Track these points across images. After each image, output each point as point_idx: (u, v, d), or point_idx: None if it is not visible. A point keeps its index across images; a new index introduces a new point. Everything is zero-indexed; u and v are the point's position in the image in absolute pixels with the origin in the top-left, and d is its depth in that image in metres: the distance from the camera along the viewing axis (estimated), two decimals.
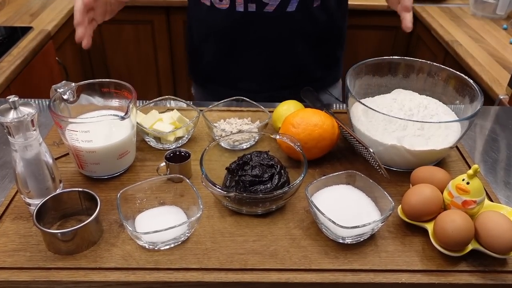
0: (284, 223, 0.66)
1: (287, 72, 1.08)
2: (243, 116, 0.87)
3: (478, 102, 0.74)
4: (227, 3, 0.97)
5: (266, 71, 1.07)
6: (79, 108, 0.75)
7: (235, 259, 0.61)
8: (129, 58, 2.18)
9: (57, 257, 0.60)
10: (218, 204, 0.69)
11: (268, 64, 1.07)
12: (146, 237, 0.60)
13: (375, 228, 0.63)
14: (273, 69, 1.07)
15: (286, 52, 1.05)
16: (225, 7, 0.98)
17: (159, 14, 2.03)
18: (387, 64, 0.87)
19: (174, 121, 0.81)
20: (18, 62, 1.42)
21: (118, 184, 0.72)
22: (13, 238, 0.63)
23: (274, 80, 1.09)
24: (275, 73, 1.08)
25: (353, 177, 0.69)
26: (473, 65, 1.45)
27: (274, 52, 1.05)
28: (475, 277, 0.59)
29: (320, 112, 0.78)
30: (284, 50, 1.04)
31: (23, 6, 1.85)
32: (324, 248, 0.63)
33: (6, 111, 0.58)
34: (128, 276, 0.58)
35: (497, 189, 0.78)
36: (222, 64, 1.09)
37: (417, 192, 0.64)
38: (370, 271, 0.60)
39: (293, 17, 0.98)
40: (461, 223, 0.59)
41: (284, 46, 1.04)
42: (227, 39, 1.04)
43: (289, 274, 0.59)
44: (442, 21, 1.81)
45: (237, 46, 1.04)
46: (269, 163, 0.70)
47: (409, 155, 0.73)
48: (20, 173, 0.62)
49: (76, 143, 0.68)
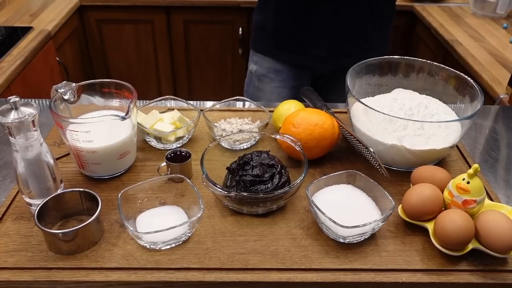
0: (285, 223, 0.67)
1: (351, 39, 1.19)
2: (244, 116, 0.87)
3: (478, 101, 0.74)
4: None
5: (333, 38, 1.17)
6: (80, 108, 0.75)
7: (236, 258, 0.61)
8: (129, 58, 2.18)
9: (58, 257, 0.60)
10: (218, 204, 0.69)
11: (335, 32, 1.16)
12: (147, 237, 0.60)
13: (375, 227, 0.63)
14: (340, 36, 1.17)
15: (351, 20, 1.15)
16: None
17: (159, 14, 2.03)
18: (387, 64, 0.87)
19: (174, 121, 0.81)
20: (18, 62, 1.41)
21: (119, 184, 0.73)
22: (14, 238, 0.63)
23: (340, 48, 1.19)
24: (342, 40, 1.18)
25: (353, 176, 0.69)
26: (473, 64, 1.44)
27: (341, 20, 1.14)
28: (476, 276, 0.59)
29: (321, 112, 0.78)
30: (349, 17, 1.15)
31: (23, 6, 1.85)
32: (325, 248, 0.63)
33: (7, 111, 0.58)
34: (129, 276, 0.58)
35: (497, 189, 0.78)
36: (294, 32, 1.18)
37: (418, 191, 0.64)
38: (371, 270, 0.60)
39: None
40: (462, 222, 0.59)
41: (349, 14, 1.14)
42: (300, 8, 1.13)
43: (290, 273, 0.59)
44: (442, 20, 1.81)
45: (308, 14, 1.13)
46: (270, 163, 0.70)
47: (410, 155, 0.74)
48: (21, 173, 0.63)
49: (77, 143, 0.68)
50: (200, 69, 2.23)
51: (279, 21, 1.19)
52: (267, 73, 1.28)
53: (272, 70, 1.27)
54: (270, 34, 1.23)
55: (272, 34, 1.23)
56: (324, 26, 1.16)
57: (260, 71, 1.29)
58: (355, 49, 1.20)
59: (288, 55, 1.23)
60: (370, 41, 1.22)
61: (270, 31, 1.22)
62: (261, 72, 1.29)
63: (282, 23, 1.19)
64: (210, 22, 2.08)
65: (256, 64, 1.30)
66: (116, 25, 2.06)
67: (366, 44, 1.22)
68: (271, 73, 1.27)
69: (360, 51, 1.19)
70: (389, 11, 1.24)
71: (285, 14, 1.17)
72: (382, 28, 1.24)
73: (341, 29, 1.16)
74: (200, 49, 2.16)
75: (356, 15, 1.16)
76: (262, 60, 1.28)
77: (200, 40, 2.13)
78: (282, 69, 1.26)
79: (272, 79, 1.27)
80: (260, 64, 1.29)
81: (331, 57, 1.21)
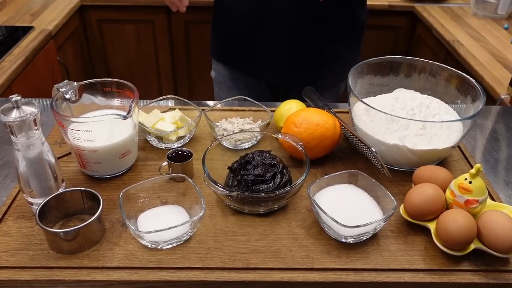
0: (287, 222, 0.66)
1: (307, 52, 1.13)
2: (245, 116, 0.87)
3: (480, 101, 0.74)
4: None
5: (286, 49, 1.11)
6: (81, 108, 0.75)
7: (238, 258, 0.61)
8: (130, 58, 2.17)
9: (60, 256, 0.60)
10: (220, 203, 0.69)
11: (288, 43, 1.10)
12: (148, 236, 0.60)
13: (377, 227, 0.63)
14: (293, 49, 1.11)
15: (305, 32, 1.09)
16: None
17: (160, 14, 2.02)
18: (389, 64, 0.87)
19: (176, 121, 0.81)
20: (19, 62, 1.41)
21: (120, 184, 0.72)
22: (15, 237, 0.63)
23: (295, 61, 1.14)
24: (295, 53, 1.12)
25: (355, 176, 0.69)
26: (474, 64, 1.44)
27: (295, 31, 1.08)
28: (478, 276, 0.59)
29: (322, 112, 0.78)
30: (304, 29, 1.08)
31: (24, 6, 1.85)
32: (327, 247, 0.63)
33: (9, 110, 0.58)
34: (130, 275, 0.58)
35: (499, 189, 0.78)
36: (246, 40, 1.13)
37: (420, 191, 0.64)
38: (373, 270, 0.60)
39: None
40: (464, 222, 0.59)
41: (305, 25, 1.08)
42: (252, 15, 1.08)
43: (292, 273, 0.59)
44: (443, 20, 1.81)
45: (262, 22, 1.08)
46: (271, 163, 0.70)
47: (411, 155, 0.73)
48: (23, 173, 0.62)
49: (78, 143, 0.68)
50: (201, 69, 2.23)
51: (231, 28, 1.15)
52: (225, 81, 1.25)
53: (229, 77, 1.24)
54: (223, 40, 1.20)
55: (225, 41, 1.19)
56: (275, 39, 1.11)
57: (219, 78, 1.27)
58: (311, 64, 1.16)
59: (241, 63, 1.19)
60: (329, 56, 1.16)
61: (223, 37, 1.19)
62: (219, 79, 1.27)
63: (234, 30, 1.15)
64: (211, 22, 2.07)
65: (215, 70, 1.28)
66: (117, 25, 2.05)
67: (325, 59, 1.16)
68: (229, 81, 1.24)
69: (317, 66, 1.16)
70: (351, 23, 1.16)
71: (237, 21, 1.13)
72: (346, 42, 1.17)
73: (294, 43, 1.11)
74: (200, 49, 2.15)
75: (309, 30, 1.10)
76: (219, 67, 1.25)
77: (200, 40, 2.13)
78: (238, 77, 1.22)
79: (230, 87, 1.24)
80: (217, 71, 1.27)
81: (284, 71, 1.16)
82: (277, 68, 1.16)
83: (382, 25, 2.05)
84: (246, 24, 1.11)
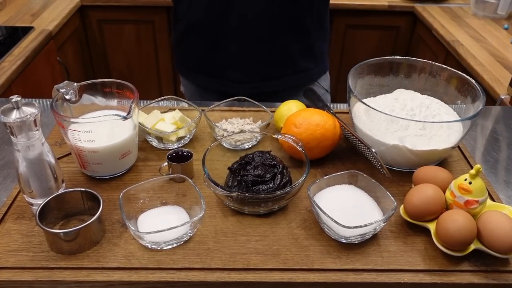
0: (287, 223, 0.66)
1: (272, 61, 1.07)
2: (245, 116, 0.87)
3: (480, 102, 0.74)
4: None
5: (250, 59, 1.04)
6: (81, 108, 0.75)
7: (238, 259, 0.61)
8: (130, 58, 2.18)
9: (60, 257, 0.60)
10: (220, 204, 0.69)
11: (252, 52, 1.04)
12: (148, 237, 0.60)
13: (377, 228, 0.63)
14: (258, 57, 1.04)
15: (268, 39, 1.03)
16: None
17: (160, 14, 2.02)
18: (388, 64, 0.87)
19: (176, 121, 0.81)
20: (19, 62, 1.41)
21: (120, 184, 0.72)
22: (15, 238, 0.63)
23: (260, 70, 1.08)
24: (261, 62, 1.05)
25: (355, 177, 0.69)
26: (474, 65, 1.45)
27: (257, 39, 1.03)
28: (478, 276, 0.59)
29: (322, 112, 0.78)
30: (266, 37, 1.03)
31: (24, 6, 1.85)
32: (327, 248, 0.63)
33: (9, 111, 0.58)
34: (130, 276, 0.58)
35: (499, 189, 0.78)
36: (207, 53, 1.07)
37: (420, 192, 0.64)
38: (373, 270, 0.60)
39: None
40: (464, 222, 0.59)
41: (266, 32, 1.02)
42: (210, 25, 1.02)
43: (292, 273, 0.59)
44: (443, 21, 1.81)
45: (221, 32, 1.02)
46: (271, 163, 0.70)
47: (411, 155, 0.74)
48: (23, 173, 0.62)
49: (78, 143, 0.68)
50: None
51: (189, 41, 1.08)
52: (194, 96, 1.18)
53: (197, 92, 1.17)
54: (185, 55, 1.12)
55: (187, 56, 1.12)
56: (238, 48, 1.04)
57: (188, 93, 1.21)
58: (278, 72, 1.09)
59: (205, 78, 1.12)
60: (297, 64, 1.10)
61: (184, 52, 1.12)
62: (189, 94, 1.20)
63: (193, 42, 1.07)
64: None
65: (183, 86, 1.22)
66: (117, 25, 2.06)
67: (293, 67, 1.10)
68: (198, 96, 1.17)
69: (285, 75, 1.10)
70: (318, 30, 1.10)
71: (194, 32, 1.06)
72: (311, 49, 1.11)
73: (258, 51, 1.05)
74: None
75: (274, 37, 1.04)
76: (186, 82, 1.19)
77: None
78: (206, 91, 1.15)
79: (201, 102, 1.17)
80: (185, 85, 1.20)
81: (250, 81, 1.09)
82: (241, 78, 1.08)
83: (382, 25, 2.05)
84: (204, 35, 1.05)
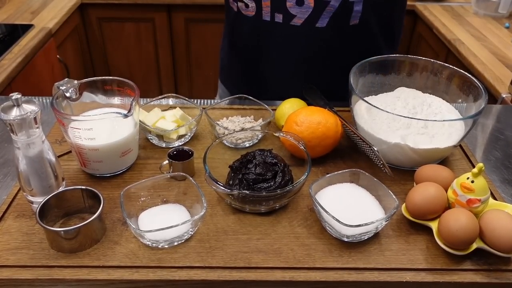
0: (288, 222, 0.66)
1: None
2: (246, 114, 0.87)
3: (482, 100, 0.74)
4: (253, 11, 0.92)
5: (290, 88, 0.93)
6: (82, 106, 0.75)
7: (239, 257, 0.60)
8: (130, 56, 2.17)
9: (60, 255, 0.60)
10: (221, 202, 0.69)
11: (293, 82, 0.98)
12: (149, 235, 0.60)
13: (379, 226, 0.62)
14: (298, 88, 0.92)
15: (313, 71, 0.98)
16: (251, 15, 0.93)
17: (160, 12, 2.02)
18: (390, 62, 0.86)
19: (176, 119, 0.81)
20: (19, 60, 1.41)
21: (121, 182, 0.72)
22: (15, 236, 0.62)
23: None
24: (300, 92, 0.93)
25: (357, 175, 0.69)
26: (475, 63, 1.44)
27: (301, 69, 0.98)
28: (480, 275, 0.59)
29: (324, 110, 0.78)
30: (311, 68, 0.97)
31: (24, 4, 1.84)
32: (328, 247, 0.62)
33: (9, 108, 0.57)
34: (131, 275, 0.58)
35: (501, 188, 0.78)
36: (247, 73, 1.05)
37: (421, 190, 0.64)
38: (374, 269, 0.60)
39: (323, 33, 0.90)
40: (466, 221, 0.58)
41: (312, 64, 0.97)
42: (252, 48, 1.00)
43: (293, 272, 0.59)
44: (444, 19, 1.81)
45: (262, 56, 0.99)
46: (273, 161, 0.70)
47: (413, 154, 0.73)
48: (23, 171, 0.62)
49: (78, 141, 0.68)
50: (201, 68, 2.23)
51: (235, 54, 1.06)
52: None
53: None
54: (229, 68, 1.11)
55: (231, 69, 1.11)
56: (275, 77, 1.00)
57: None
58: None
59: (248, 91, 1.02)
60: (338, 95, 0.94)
61: (229, 66, 1.11)
62: None
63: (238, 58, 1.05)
64: (211, 20, 2.07)
65: (220, 96, 1.18)
66: (117, 23, 2.05)
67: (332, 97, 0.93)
68: None
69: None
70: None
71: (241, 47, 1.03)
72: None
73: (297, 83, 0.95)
74: (201, 47, 2.15)
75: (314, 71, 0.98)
76: (225, 92, 1.14)
77: (201, 38, 2.13)
78: None
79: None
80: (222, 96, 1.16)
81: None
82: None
83: None
84: (247, 52, 1.02)
